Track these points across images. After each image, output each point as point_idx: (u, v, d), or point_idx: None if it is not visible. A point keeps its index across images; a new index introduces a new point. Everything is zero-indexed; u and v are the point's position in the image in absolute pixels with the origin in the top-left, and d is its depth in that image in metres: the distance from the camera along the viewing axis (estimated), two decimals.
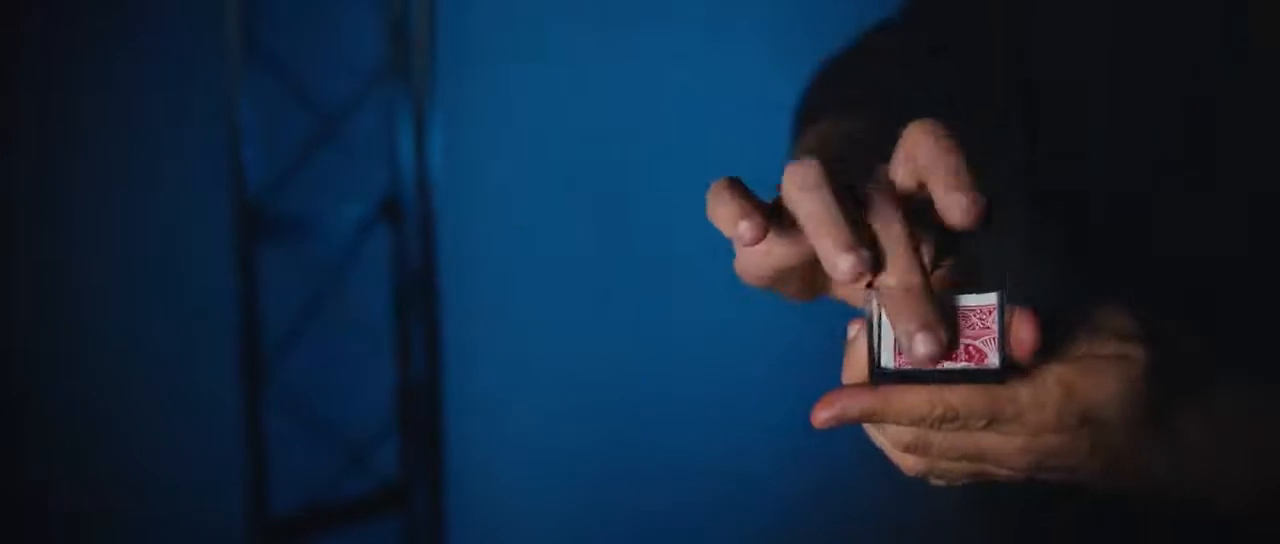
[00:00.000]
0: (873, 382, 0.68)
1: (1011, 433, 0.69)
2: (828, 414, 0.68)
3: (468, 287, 2.64)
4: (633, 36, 2.69)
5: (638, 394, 2.79)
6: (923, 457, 0.70)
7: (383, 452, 2.63)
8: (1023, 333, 0.66)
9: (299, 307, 2.52)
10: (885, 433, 0.71)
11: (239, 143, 2.36)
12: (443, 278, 2.56)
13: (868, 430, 0.72)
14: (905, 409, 0.68)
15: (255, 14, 2.37)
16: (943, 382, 0.67)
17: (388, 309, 2.58)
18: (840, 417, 0.68)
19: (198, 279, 2.46)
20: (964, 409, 0.67)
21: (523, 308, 2.73)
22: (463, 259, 2.62)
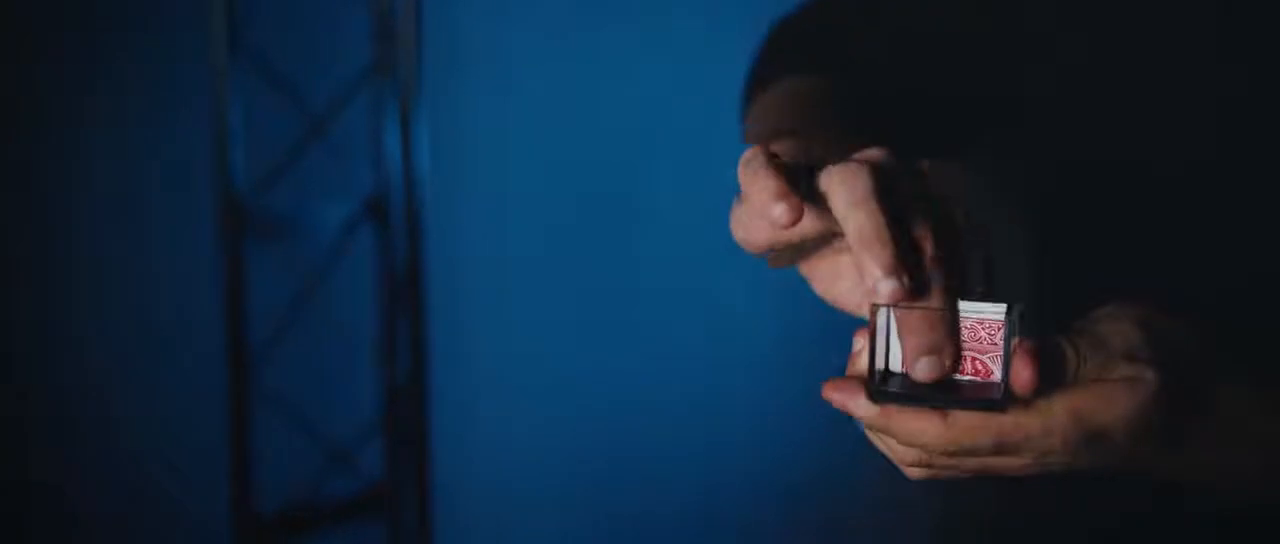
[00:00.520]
0: (872, 400, 0.68)
1: (1018, 456, 0.69)
2: (836, 397, 0.69)
3: (454, 286, 2.64)
4: (622, 35, 2.68)
5: (625, 395, 2.79)
6: (927, 468, 0.71)
7: (368, 452, 2.63)
8: (1022, 373, 0.67)
9: (285, 306, 2.51)
10: (891, 449, 0.71)
11: (225, 142, 2.36)
12: (429, 278, 2.56)
13: (869, 436, 0.72)
14: (910, 433, 0.68)
15: (242, 12, 2.36)
16: (943, 406, 0.67)
17: (374, 309, 2.58)
18: (844, 409, 0.69)
19: (184, 278, 2.46)
20: (971, 442, 0.68)
21: (509, 308, 2.73)
22: (449, 259, 2.61)
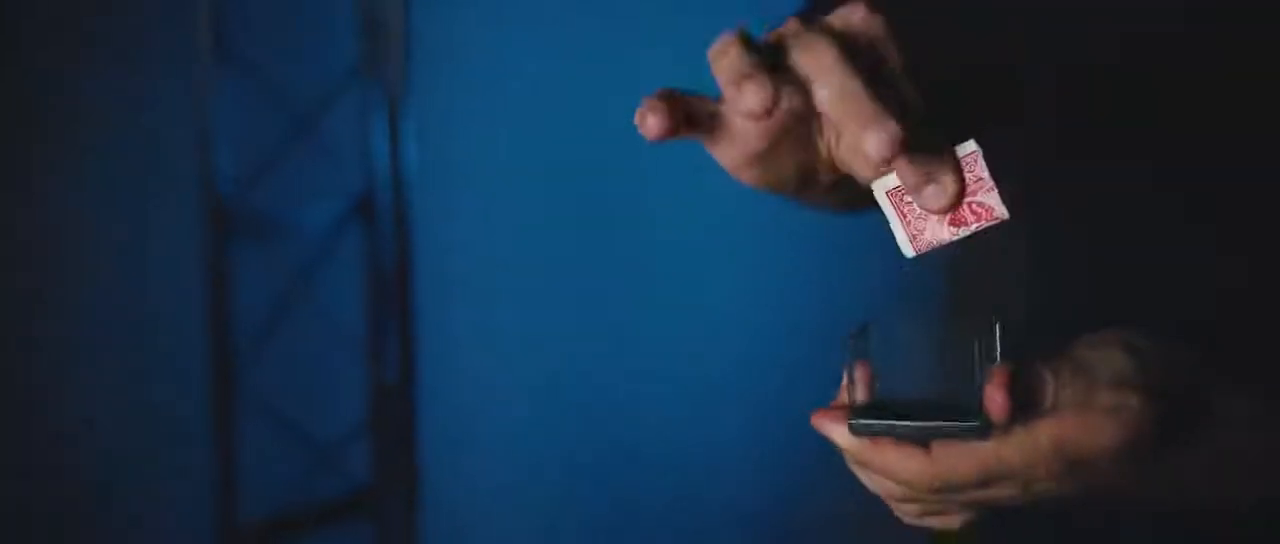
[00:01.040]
0: (851, 432, 0.68)
1: (1003, 487, 0.69)
2: (823, 427, 0.69)
3: (442, 286, 2.64)
4: (612, 33, 2.69)
5: (614, 396, 2.79)
6: (915, 505, 0.71)
7: (354, 454, 2.62)
8: (995, 398, 0.66)
9: (271, 307, 2.51)
10: (878, 485, 0.71)
11: (210, 141, 2.36)
12: (417, 278, 2.56)
13: (855, 471, 0.72)
14: (893, 468, 0.68)
15: (226, 11, 2.36)
16: (921, 436, 0.67)
17: (361, 309, 2.58)
18: (830, 439, 0.69)
19: (168, 279, 2.45)
20: (955, 477, 0.67)
21: (498, 308, 2.73)
22: (437, 259, 2.61)
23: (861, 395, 0.69)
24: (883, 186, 0.68)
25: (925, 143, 0.68)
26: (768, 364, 2.80)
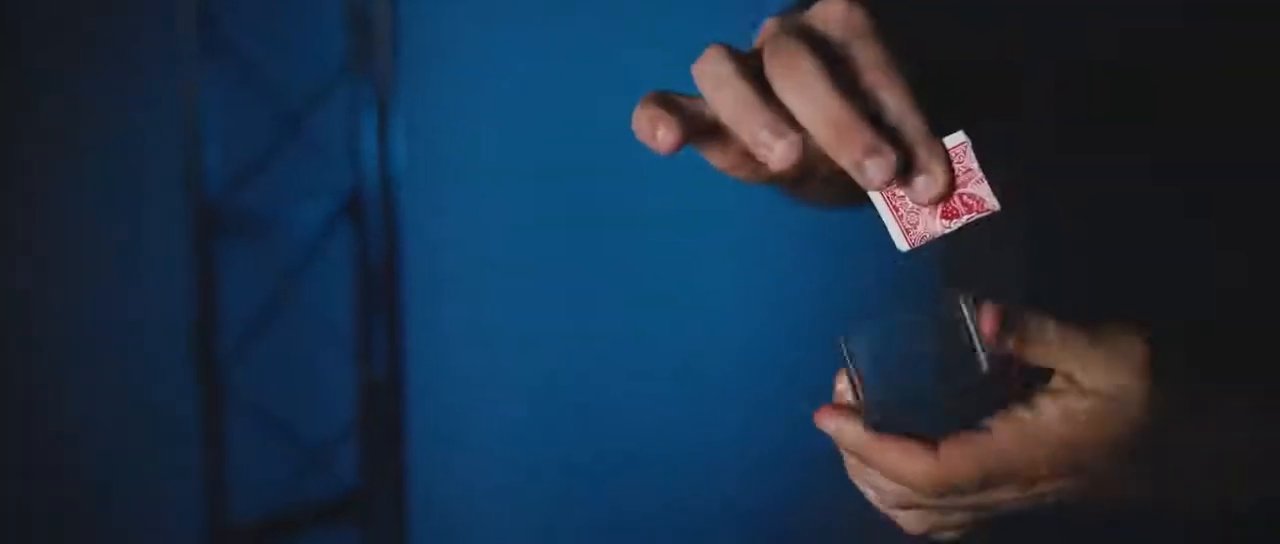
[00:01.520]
0: (865, 425, 0.68)
1: (1005, 489, 0.68)
2: (828, 424, 0.69)
3: (432, 285, 2.64)
4: (604, 30, 2.69)
5: (606, 395, 2.79)
6: (915, 512, 0.71)
7: (343, 455, 2.62)
8: (987, 325, 0.66)
9: (258, 306, 2.51)
10: (879, 491, 0.71)
11: (198, 139, 2.35)
12: (406, 276, 2.56)
13: (855, 480, 0.72)
14: (897, 470, 0.68)
15: (213, 6, 2.36)
16: (938, 397, 0.67)
17: (350, 309, 2.58)
18: (834, 437, 0.69)
19: (155, 278, 2.45)
20: (957, 478, 0.67)
21: (488, 308, 2.73)
22: (427, 257, 2.61)
23: (865, 393, 0.69)
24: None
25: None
26: (764, 362, 2.81)
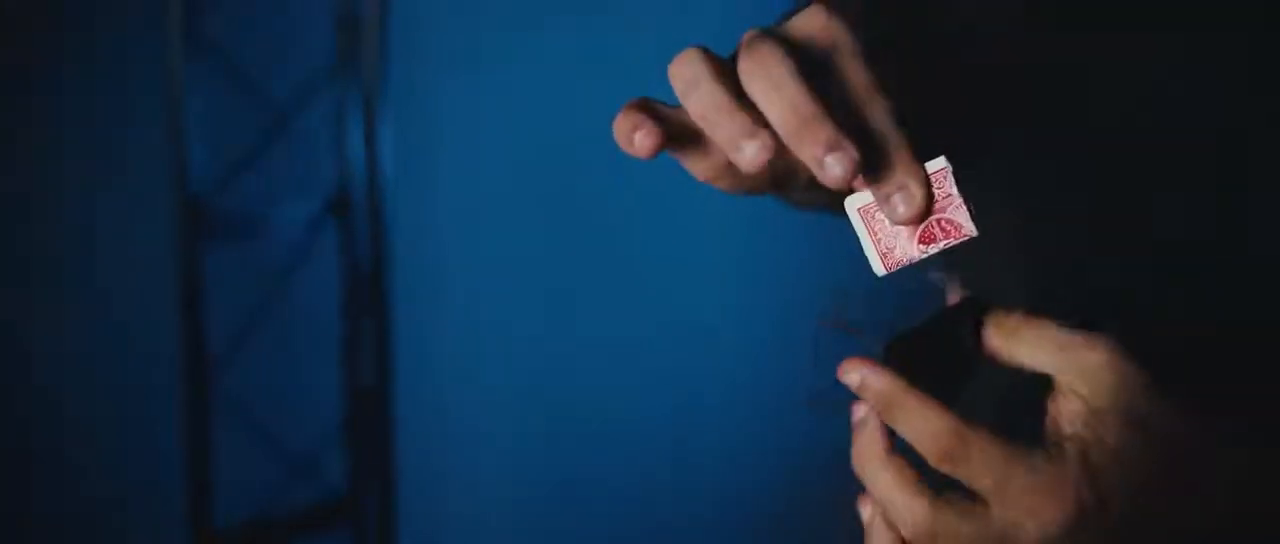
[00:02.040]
0: (886, 356, 0.69)
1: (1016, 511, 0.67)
2: (857, 369, 0.69)
3: (420, 287, 2.64)
4: (591, 29, 2.70)
5: (596, 399, 2.79)
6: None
7: (330, 461, 2.63)
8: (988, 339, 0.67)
9: (245, 309, 2.51)
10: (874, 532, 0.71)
11: (183, 138, 2.36)
12: (394, 278, 2.57)
13: (864, 472, 0.71)
14: (916, 422, 0.68)
15: (199, 5, 2.37)
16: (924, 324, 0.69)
17: (337, 311, 2.59)
18: (859, 387, 0.69)
19: (140, 280, 2.45)
20: (947, 531, 0.67)
21: (477, 309, 2.73)
22: (415, 258, 2.62)
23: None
24: (855, 203, 0.69)
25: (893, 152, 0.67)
26: (753, 366, 2.81)
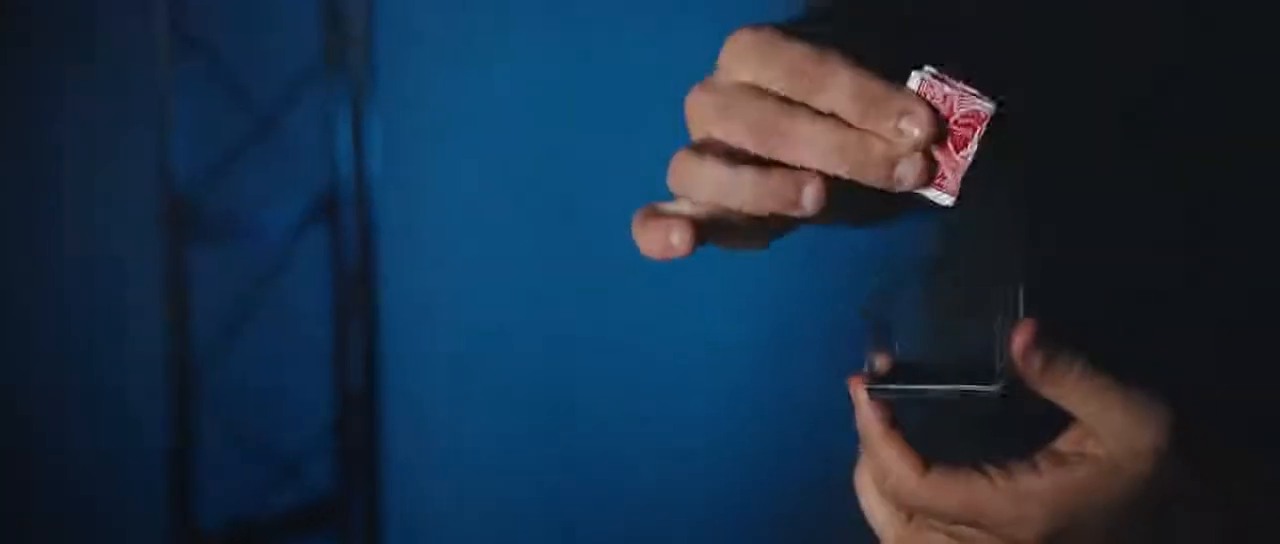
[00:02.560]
0: (869, 397, 0.67)
1: (985, 538, 0.66)
2: (857, 395, 0.68)
3: (409, 289, 2.64)
4: (581, 29, 2.68)
5: (587, 403, 2.78)
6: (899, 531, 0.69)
7: (317, 464, 2.62)
8: (1022, 345, 0.64)
9: (231, 311, 2.51)
10: (871, 508, 0.70)
11: (169, 138, 2.36)
12: (382, 280, 2.57)
13: (860, 489, 0.70)
14: (887, 465, 0.66)
15: (186, 5, 2.37)
16: (942, 398, 0.66)
17: (324, 313, 2.58)
18: (855, 404, 0.68)
19: (125, 281, 2.45)
20: (939, 503, 0.66)
21: (465, 312, 2.72)
22: (404, 260, 2.62)
23: (882, 364, 0.68)
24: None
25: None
26: (745, 369, 2.79)
